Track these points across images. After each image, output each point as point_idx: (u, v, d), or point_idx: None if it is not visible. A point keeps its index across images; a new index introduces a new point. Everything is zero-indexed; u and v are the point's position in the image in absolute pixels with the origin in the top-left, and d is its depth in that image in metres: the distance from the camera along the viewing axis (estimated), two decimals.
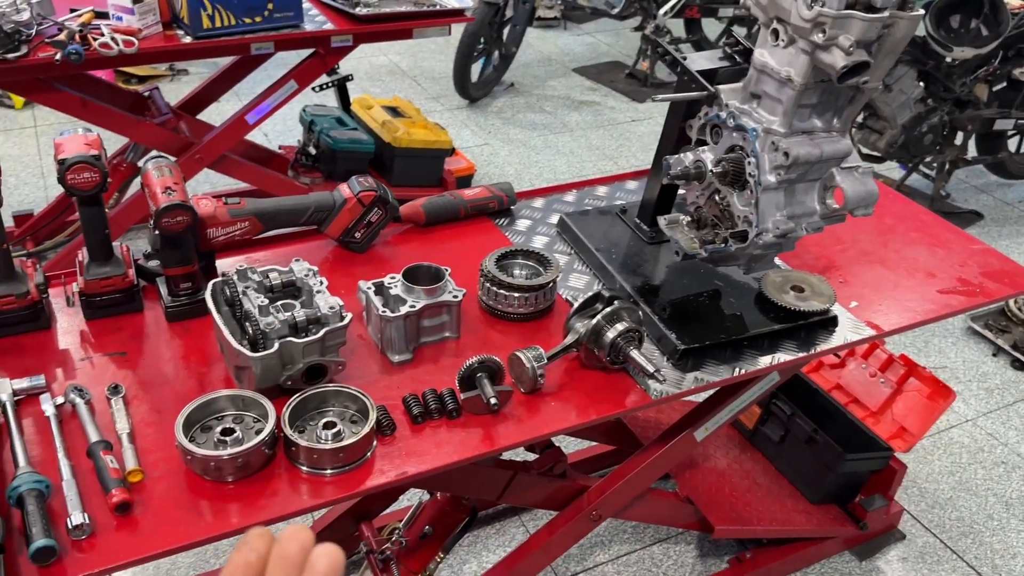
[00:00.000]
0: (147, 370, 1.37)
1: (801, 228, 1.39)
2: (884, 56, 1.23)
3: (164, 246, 1.41)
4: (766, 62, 1.30)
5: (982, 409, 2.94)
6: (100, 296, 1.44)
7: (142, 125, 2.96)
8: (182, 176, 1.43)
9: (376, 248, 1.73)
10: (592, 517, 1.80)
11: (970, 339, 3.29)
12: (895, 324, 1.63)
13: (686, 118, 1.55)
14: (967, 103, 3.74)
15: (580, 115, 5.04)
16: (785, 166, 1.31)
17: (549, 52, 5.93)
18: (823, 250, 1.83)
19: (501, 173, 4.30)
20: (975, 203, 4.26)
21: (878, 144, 3.69)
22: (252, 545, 0.50)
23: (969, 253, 1.87)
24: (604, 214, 1.87)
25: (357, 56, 5.41)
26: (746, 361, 1.52)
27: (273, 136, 4.42)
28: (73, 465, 1.16)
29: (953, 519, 2.52)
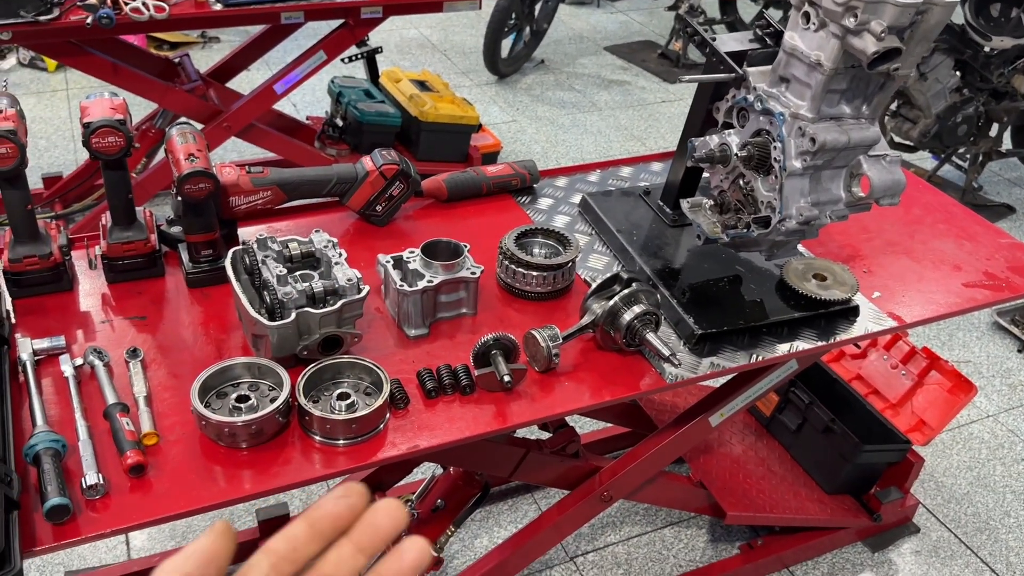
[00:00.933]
0: (166, 335, 1.39)
1: (825, 216, 1.37)
2: (917, 43, 1.21)
3: (186, 213, 1.42)
4: (796, 45, 1.28)
5: (1004, 405, 2.91)
6: (122, 260, 1.45)
7: (171, 91, 2.97)
8: (206, 143, 1.44)
9: (397, 222, 1.73)
10: (604, 498, 1.80)
11: (995, 334, 3.24)
12: (917, 316, 1.60)
13: (713, 100, 1.53)
14: (1004, 94, 3.66)
15: (610, 94, 5.00)
16: (811, 152, 1.29)
17: (581, 29, 5.88)
18: (848, 239, 1.80)
19: (527, 151, 4.28)
20: (1007, 196, 4.18)
21: (911, 133, 3.63)
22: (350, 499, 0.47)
23: (997, 247, 1.84)
24: (627, 195, 1.86)
25: (387, 28, 5.40)
26: (764, 348, 1.51)
27: (301, 107, 4.43)
28: (90, 426, 1.18)
29: (969, 514, 2.50)
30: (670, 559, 2.30)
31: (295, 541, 0.46)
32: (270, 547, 0.46)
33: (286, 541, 0.46)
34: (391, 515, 0.47)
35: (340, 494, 0.46)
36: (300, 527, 0.46)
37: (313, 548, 0.46)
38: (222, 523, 0.46)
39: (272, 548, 0.46)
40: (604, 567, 2.26)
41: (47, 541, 1.06)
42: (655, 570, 2.27)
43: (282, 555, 0.45)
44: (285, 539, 0.46)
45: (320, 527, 0.46)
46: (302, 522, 0.46)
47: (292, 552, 0.46)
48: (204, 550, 0.45)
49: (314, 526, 0.46)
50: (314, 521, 0.46)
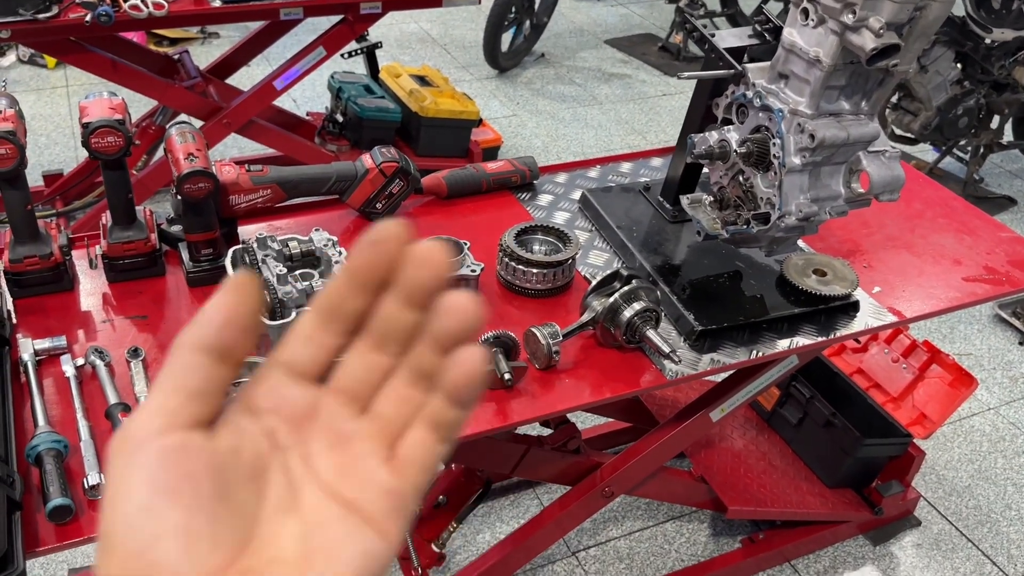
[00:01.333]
0: (167, 334, 1.39)
1: (825, 212, 1.37)
2: (915, 39, 1.21)
3: (186, 212, 1.43)
4: (795, 42, 1.28)
5: (1005, 398, 2.91)
6: (123, 259, 1.45)
7: (171, 88, 2.97)
8: (205, 143, 1.44)
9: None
10: (605, 493, 1.81)
11: (996, 327, 3.24)
12: (918, 311, 1.60)
13: (713, 96, 1.53)
14: (1005, 86, 3.65)
15: (610, 88, 4.99)
16: (810, 148, 1.28)
17: (581, 23, 5.86)
18: (848, 234, 1.80)
19: (528, 145, 4.27)
20: (1009, 188, 4.18)
21: (912, 126, 3.62)
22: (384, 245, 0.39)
23: (997, 241, 1.83)
24: (627, 191, 1.86)
25: (387, 23, 5.39)
26: (764, 344, 1.51)
27: (302, 102, 4.43)
28: (92, 426, 1.18)
29: (970, 507, 2.50)
30: (672, 553, 2.31)
31: (336, 296, 0.40)
32: (315, 304, 0.41)
33: (327, 297, 0.41)
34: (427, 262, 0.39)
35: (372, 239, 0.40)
36: (340, 280, 0.41)
37: (357, 303, 0.40)
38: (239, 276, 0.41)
39: (316, 306, 0.41)
40: (606, 561, 2.27)
41: (50, 541, 1.07)
42: (657, 564, 2.28)
43: (326, 312, 0.41)
44: (327, 295, 0.41)
45: (359, 279, 0.40)
46: (342, 275, 0.41)
47: (336, 308, 0.40)
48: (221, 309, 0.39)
49: (353, 278, 0.40)
50: (352, 272, 0.40)
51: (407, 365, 0.41)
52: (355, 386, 0.41)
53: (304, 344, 0.41)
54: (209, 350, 0.39)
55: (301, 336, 0.41)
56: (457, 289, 0.40)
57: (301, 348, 0.41)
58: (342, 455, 0.40)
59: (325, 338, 0.41)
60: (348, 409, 0.41)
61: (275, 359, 0.41)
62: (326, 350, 0.41)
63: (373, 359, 0.41)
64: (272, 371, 0.41)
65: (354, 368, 0.41)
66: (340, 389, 0.41)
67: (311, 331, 0.41)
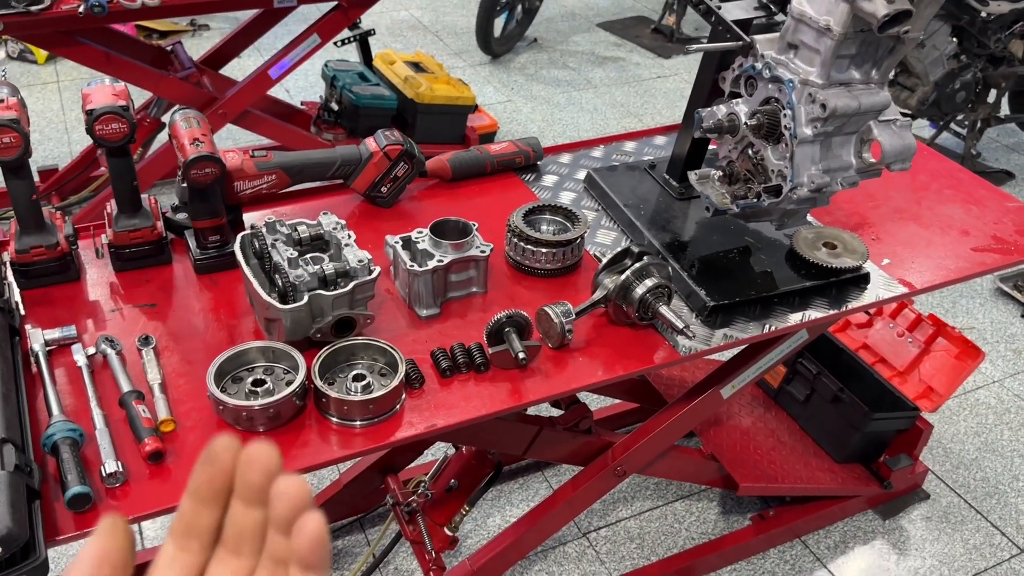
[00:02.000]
0: (177, 322, 1.38)
1: (837, 182, 1.36)
2: (927, 5, 1.20)
3: (192, 198, 1.41)
4: (804, 11, 1.27)
5: (1009, 370, 2.91)
6: (129, 248, 1.44)
7: (165, 79, 2.95)
8: (210, 128, 1.42)
9: (402, 203, 1.72)
10: (617, 473, 1.81)
11: (998, 300, 3.24)
12: (928, 282, 1.60)
13: (719, 70, 1.52)
14: (1001, 60, 3.65)
15: (604, 71, 4.97)
16: (822, 119, 1.28)
17: (573, 6, 5.83)
18: (855, 207, 1.80)
19: (524, 130, 4.26)
20: (1006, 162, 4.18)
21: (909, 101, 3.61)
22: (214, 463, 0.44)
23: (1004, 211, 1.83)
24: (632, 169, 1.85)
25: (379, 11, 5.35)
26: (776, 318, 1.50)
27: (295, 92, 4.40)
28: (106, 414, 1.17)
29: (978, 479, 2.51)
30: (682, 532, 2.31)
31: (186, 517, 0.44)
32: (170, 529, 0.45)
33: (179, 520, 0.45)
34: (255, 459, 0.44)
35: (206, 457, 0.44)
36: (184, 503, 0.45)
37: (207, 518, 0.44)
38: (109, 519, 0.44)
39: (172, 529, 0.45)
40: (617, 542, 2.27)
41: (69, 530, 1.06)
42: (667, 544, 2.28)
43: (182, 533, 0.44)
44: (178, 518, 0.45)
45: (202, 495, 0.44)
46: (186, 497, 0.45)
47: (189, 528, 0.44)
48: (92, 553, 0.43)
49: (196, 495, 0.44)
50: (194, 492, 0.44)
51: (265, 557, 0.44)
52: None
53: (169, 569, 0.44)
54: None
55: (164, 562, 0.44)
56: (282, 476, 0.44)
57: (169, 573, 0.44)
58: None
59: (187, 559, 0.44)
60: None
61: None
62: (191, 570, 0.44)
63: (235, 564, 0.44)
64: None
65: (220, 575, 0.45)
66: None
67: (172, 555, 0.44)
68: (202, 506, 0.44)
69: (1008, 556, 2.29)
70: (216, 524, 0.45)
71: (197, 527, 0.44)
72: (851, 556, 2.28)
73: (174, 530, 0.45)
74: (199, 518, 0.44)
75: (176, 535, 0.45)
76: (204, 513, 0.44)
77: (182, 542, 0.44)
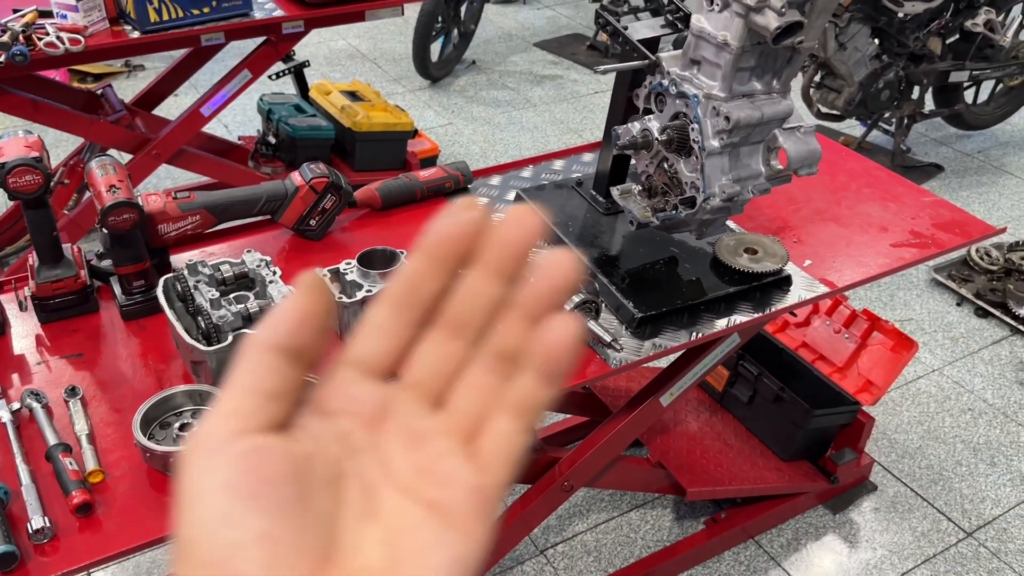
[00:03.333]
0: (105, 370, 1.37)
1: (747, 191, 1.40)
2: (817, 15, 1.24)
3: (114, 245, 1.41)
4: (703, 27, 1.31)
5: (948, 358, 2.99)
6: (53, 299, 1.43)
7: (95, 124, 2.92)
8: (127, 174, 1.42)
9: (333, 234, 1.73)
10: (564, 487, 1.82)
11: (934, 290, 3.33)
12: (848, 280, 1.65)
13: (632, 87, 1.56)
14: (921, 57, 3.76)
15: (543, 90, 5.03)
16: (727, 130, 1.32)
17: (509, 27, 5.90)
18: (777, 211, 1.85)
19: (466, 152, 4.28)
20: (935, 156, 4.30)
21: (837, 103, 3.71)
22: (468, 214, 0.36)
23: (921, 206, 1.89)
24: (560, 188, 1.88)
25: (315, 41, 5.36)
26: (703, 325, 1.54)
27: (234, 127, 4.38)
28: (32, 470, 1.16)
29: (923, 467, 2.57)
30: (638, 541, 2.33)
31: (413, 279, 0.37)
32: (388, 291, 0.38)
33: (401, 281, 0.38)
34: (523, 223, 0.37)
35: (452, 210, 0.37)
36: (416, 260, 0.37)
37: (436, 283, 0.37)
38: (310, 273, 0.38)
39: (389, 291, 0.38)
40: (574, 556, 2.29)
41: None
42: (624, 554, 2.30)
43: (400, 298, 0.38)
44: (401, 279, 0.38)
45: (439, 255, 0.37)
46: (417, 255, 0.38)
47: (412, 292, 0.37)
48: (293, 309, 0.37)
49: (432, 256, 0.37)
50: (430, 250, 0.37)
51: (486, 349, 0.38)
52: (429, 380, 0.39)
53: (375, 337, 0.38)
54: (283, 351, 0.37)
55: (372, 328, 0.38)
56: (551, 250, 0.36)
57: (372, 342, 0.38)
58: (420, 454, 0.38)
59: (398, 329, 0.38)
60: (423, 405, 0.38)
61: (345, 356, 0.38)
62: (398, 342, 0.38)
63: (448, 348, 0.38)
64: (342, 369, 0.38)
65: (428, 360, 0.38)
66: (413, 384, 0.39)
67: (382, 321, 0.38)
68: (433, 269, 0.37)
69: (955, 540, 2.35)
70: (439, 295, 0.38)
71: (418, 294, 0.37)
72: (804, 553, 2.32)
73: (392, 295, 0.38)
74: (423, 283, 0.37)
75: (390, 300, 0.38)
76: (430, 279, 0.37)
77: (396, 310, 0.38)
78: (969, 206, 3.88)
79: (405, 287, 0.38)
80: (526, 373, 0.37)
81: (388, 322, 0.38)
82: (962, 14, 3.73)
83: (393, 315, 0.38)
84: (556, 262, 0.36)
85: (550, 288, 0.36)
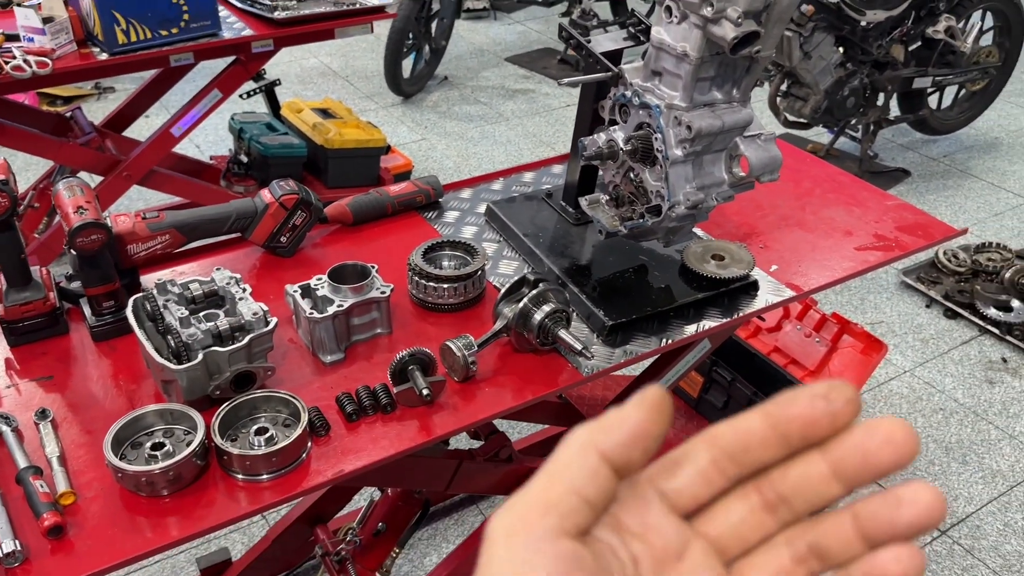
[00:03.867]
0: (75, 392, 1.37)
1: (712, 198, 1.42)
2: (774, 25, 1.27)
3: (83, 266, 1.40)
4: (663, 39, 1.34)
5: (918, 360, 3.04)
6: (22, 322, 1.42)
7: (65, 146, 2.91)
8: (95, 195, 1.42)
9: (304, 251, 1.74)
10: None
11: (904, 293, 3.38)
12: (814, 283, 1.68)
13: (597, 99, 1.58)
14: (885, 64, 3.83)
15: (515, 104, 5.06)
16: (689, 139, 1.34)
17: (480, 43, 5.94)
18: (744, 218, 1.87)
19: (439, 167, 4.30)
20: (902, 161, 4.37)
21: (803, 111, 3.77)
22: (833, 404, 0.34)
23: (884, 209, 1.93)
24: (530, 199, 1.90)
25: (287, 60, 5.37)
26: (673, 331, 1.55)
27: (205, 147, 4.37)
28: (3, 493, 1.15)
29: None
30: None
31: (748, 438, 0.36)
32: (714, 435, 0.37)
33: (736, 435, 0.36)
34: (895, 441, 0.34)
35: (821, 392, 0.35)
36: (757, 422, 0.36)
37: (769, 454, 0.36)
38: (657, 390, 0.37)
39: (716, 438, 0.37)
40: None
41: None
42: None
43: (728, 450, 0.37)
44: (735, 432, 0.37)
45: (785, 430, 0.35)
46: (760, 417, 0.36)
47: (741, 451, 0.36)
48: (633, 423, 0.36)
49: (777, 427, 0.36)
50: (777, 421, 0.35)
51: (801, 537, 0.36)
52: (730, 539, 0.38)
53: (692, 476, 0.37)
54: (612, 461, 0.36)
55: (692, 466, 0.37)
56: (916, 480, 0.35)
57: (687, 479, 0.38)
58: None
59: (715, 478, 0.37)
60: (716, 561, 0.38)
61: (655, 481, 0.38)
62: (710, 491, 0.37)
63: (759, 517, 0.37)
64: (649, 491, 0.38)
65: (734, 520, 0.38)
66: (715, 537, 0.38)
67: (704, 466, 0.37)
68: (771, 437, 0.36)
69: (930, 539, 2.38)
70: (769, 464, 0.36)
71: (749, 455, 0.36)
72: None
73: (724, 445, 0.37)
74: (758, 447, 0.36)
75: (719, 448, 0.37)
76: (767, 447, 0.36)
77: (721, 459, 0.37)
78: (936, 209, 3.94)
79: (739, 442, 0.37)
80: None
81: (709, 469, 0.37)
82: (923, 21, 3.81)
83: (716, 463, 0.37)
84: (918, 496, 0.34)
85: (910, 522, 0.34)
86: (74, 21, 2.67)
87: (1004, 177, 4.26)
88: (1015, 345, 3.08)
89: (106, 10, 2.59)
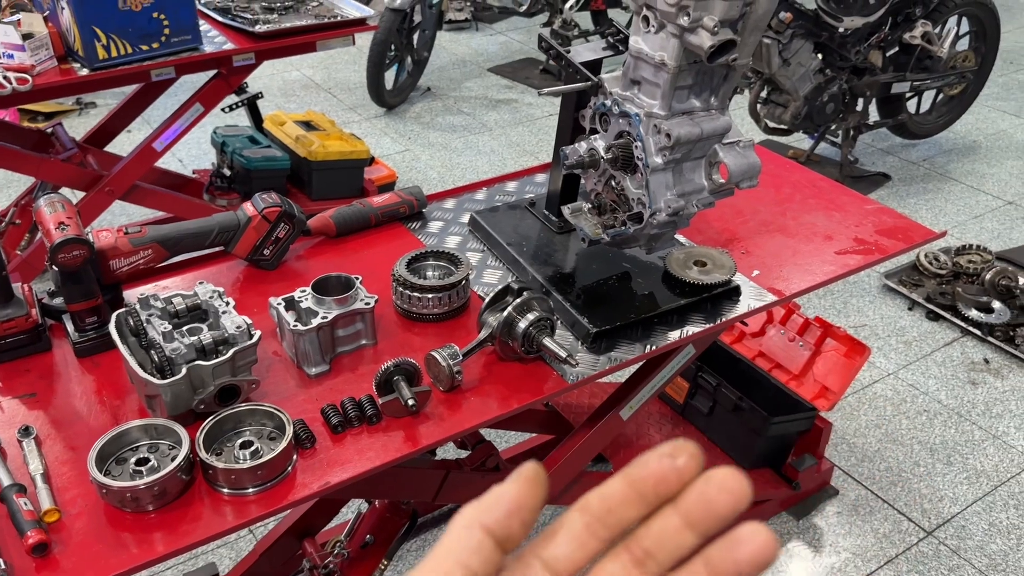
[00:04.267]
0: (59, 409, 1.36)
1: (692, 205, 1.44)
2: (750, 33, 1.29)
3: (65, 282, 1.40)
4: (641, 48, 1.35)
5: (902, 362, 3.06)
6: (4, 339, 1.42)
7: (46, 163, 2.90)
8: (76, 211, 1.42)
9: (288, 263, 1.74)
10: None
11: (886, 296, 3.41)
12: (795, 288, 1.69)
13: (578, 108, 1.59)
14: (864, 70, 3.87)
15: (498, 114, 5.08)
16: (669, 147, 1.35)
17: (463, 54, 5.95)
18: (725, 224, 1.89)
19: (423, 178, 4.31)
20: (882, 165, 4.42)
21: (784, 117, 3.80)
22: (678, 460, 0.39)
23: (864, 214, 1.95)
24: (514, 209, 1.90)
25: (269, 73, 5.37)
26: (657, 337, 1.56)
27: (188, 161, 4.36)
28: None
29: (882, 470, 2.62)
30: None
31: (611, 501, 0.40)
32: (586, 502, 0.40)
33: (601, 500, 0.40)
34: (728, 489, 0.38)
35: (667, 451, 0.39)
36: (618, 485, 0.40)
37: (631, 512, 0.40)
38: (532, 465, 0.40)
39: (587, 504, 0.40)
40: None
41: None
42: None
43: (596, 515, 0.40)
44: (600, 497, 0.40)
45: (641, 488, 0.39)
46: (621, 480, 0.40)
47: (607, 513, 0.40)
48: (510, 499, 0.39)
49: (634, 486, 0.39)
50: (635, 481, 0.39)
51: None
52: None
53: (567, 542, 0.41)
54: (495, 534, 0.39)
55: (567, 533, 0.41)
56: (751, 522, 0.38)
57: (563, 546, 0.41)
58: None
59: (588, 542, 0.40)
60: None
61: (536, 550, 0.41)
62: (585, 554, 0.40)
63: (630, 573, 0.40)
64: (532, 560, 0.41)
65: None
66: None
67: (578, 532, 0.40)
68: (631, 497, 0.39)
69: (916, 540, 2.40)
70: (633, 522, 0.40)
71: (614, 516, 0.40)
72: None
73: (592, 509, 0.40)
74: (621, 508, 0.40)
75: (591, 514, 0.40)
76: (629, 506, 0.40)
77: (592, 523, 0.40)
78: (916, 213, 3.98)
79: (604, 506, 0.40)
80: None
81: (582, 534, 0.40)
82: (900, 27, 3.85)
83: (588, 527, 0.40)
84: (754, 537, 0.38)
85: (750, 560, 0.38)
86: (54, 37, 2.66)
87: (983, 180, 4.31)
88: (997, 346, 3.12)
89: (86, 25, 2.59)
